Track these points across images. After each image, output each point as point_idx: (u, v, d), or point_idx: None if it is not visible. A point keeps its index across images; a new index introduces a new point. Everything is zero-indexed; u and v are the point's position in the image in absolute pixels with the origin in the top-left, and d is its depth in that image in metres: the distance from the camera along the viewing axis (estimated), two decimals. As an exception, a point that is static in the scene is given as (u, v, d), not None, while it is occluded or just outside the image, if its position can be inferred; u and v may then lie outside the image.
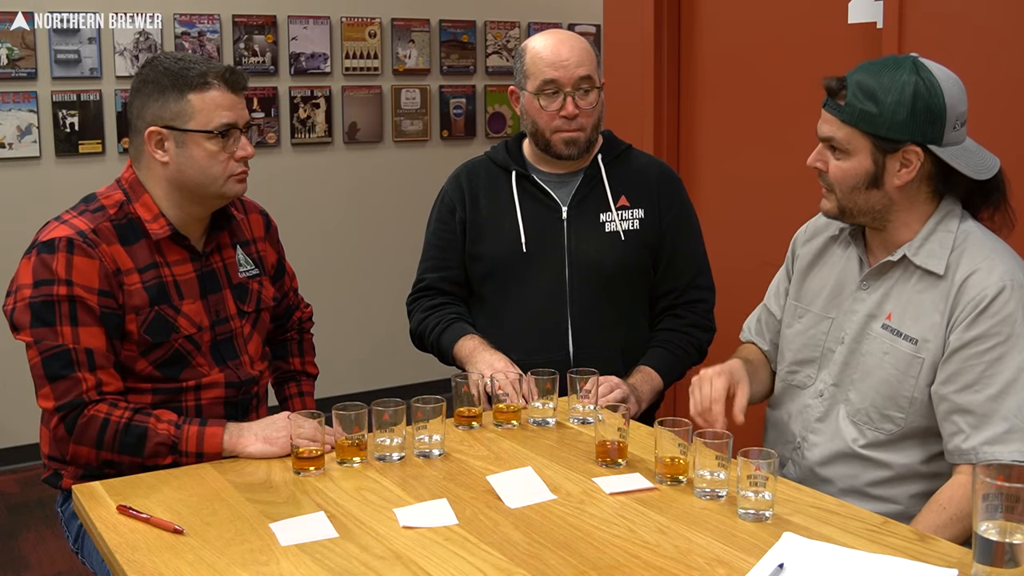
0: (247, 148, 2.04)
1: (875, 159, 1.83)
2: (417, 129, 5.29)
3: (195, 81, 1.98)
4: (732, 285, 3.01)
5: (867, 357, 1.92)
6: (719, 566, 1.48)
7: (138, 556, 1.54)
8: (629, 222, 2.44)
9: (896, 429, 1.89)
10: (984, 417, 1.77)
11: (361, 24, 5.08)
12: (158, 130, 2.00)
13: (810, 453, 2.00)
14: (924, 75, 1.79)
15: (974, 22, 2.70)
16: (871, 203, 1.87)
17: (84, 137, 4.51)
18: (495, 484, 1.77)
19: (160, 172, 2.03)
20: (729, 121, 3.49)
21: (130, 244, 2.01)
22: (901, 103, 1.78)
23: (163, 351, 2.02)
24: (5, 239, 4.32)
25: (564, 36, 2.41)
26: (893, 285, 1.91)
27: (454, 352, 2.40)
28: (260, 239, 2.26)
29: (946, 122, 1.80)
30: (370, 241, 5.23)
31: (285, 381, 2.39)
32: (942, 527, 1.74)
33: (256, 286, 2.20)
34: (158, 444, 1.92)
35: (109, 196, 2.05)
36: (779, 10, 3.27)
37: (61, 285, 1.92)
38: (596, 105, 2.40)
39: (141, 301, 1.99)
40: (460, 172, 2.56)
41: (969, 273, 1.81)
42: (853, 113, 1.82)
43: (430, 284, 2.53)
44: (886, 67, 1.82)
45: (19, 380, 4.47)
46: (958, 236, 1.86)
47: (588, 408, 2.11)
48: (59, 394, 1.92)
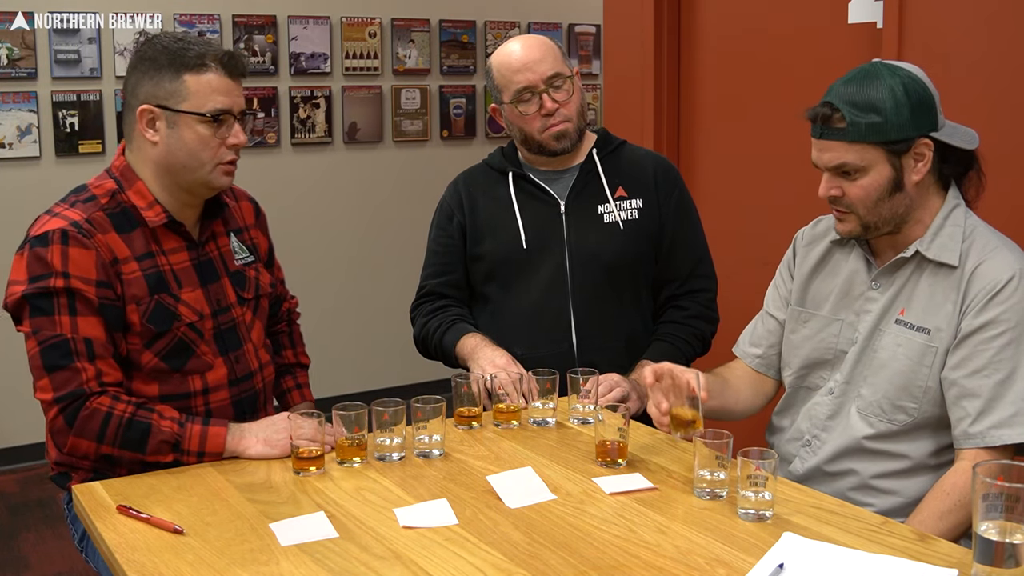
0: (239, 136, 2.01)
1: (892, 164, 1.86)
2: (417, 129, 5.29)
3: (192, 62, 1.96)
4: (732, 282, 3.01)
5: (880, 352, 1.94)
6: (719, 566, 1.48)
7: (138, 556, 1.54)
8: (628, 212, 2.45)
9: (909, 420, 1.90)
10: (991, 401, 1.79)
11: (361, 24, 5.08)
12: (150, 108, 1.97)
13: (820, 451, 2.00)
14: (902, 73, 1.86)
15: (974, 22, 2.70)
16: (895, 208, 1.89)
17: (84, 137, 4.52)
18: (495, 484, 1.77)
19: (150, 153, 2.00)
20: (729, 121, 3.49)
21: (125, 232, 1.98)
22: (900, 104, 1.82)
23: (167, 340, 2.00)
24: (5, 239, 4.32)
25: (522, 41, 2.42)
26: (906, 281, 1.93)
27: (456, 351, 2.40)
28: (252, 226, 2.25)
29: (936, 107, 1.87)
30: (370, 241, 5.23)
31: (280, 375, 2.37)
32: (946, 513, 1.76)
33: (253, 273, 2.19)
34: (161, 442, 1.91)
35: (100, 185, 2.02)
36: (779, 10, 3.27)
37: (58, 278, 1.89)
38: (573, 94, 2.41)
39: (140, 291, 1.97)
40: (458, 179, 2.59)
41: (979, 262, 1.86)
42: (859, 130, 1.83)
43: (431, 289, 2.54)
44: (866, 78, 1.86)
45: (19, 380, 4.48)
46: (966, 229, 1.90)
47: (588, 408, 2.12)
48: (58, 384, 1.89)
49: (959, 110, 2.24)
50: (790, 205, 3.24)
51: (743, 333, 2.27)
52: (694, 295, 2.50)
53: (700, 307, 2.50)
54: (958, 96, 2.52)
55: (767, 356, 2.19)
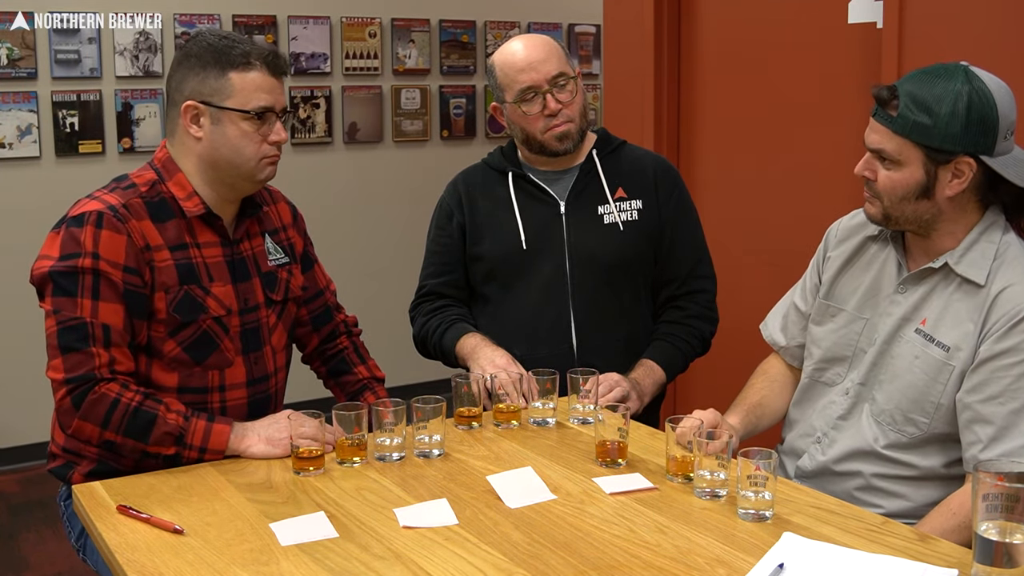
0: (281, 133, 2.04)
1: (927, 170, 1.81)
2: (417, 129, 5.29)
3: (238, 60, 1.99)
4: (732, 282, 3.01)
5: (897, 360, 1.92)
6: (719, 566, 1.48)
7: (138, 556, 1.54)
8: (628, 213, 2.45)
9: (919, 433, 1.89)
10: (1004, 430, 1.77)
11: (361, 24, 5.08)
12: (195, 104, 2.00)
13: (830, 449, 1.99)
14: (976, 85, 1.78)
15: (974, 22, 2.70)
16: (919, 213, 1.86)
17: (84, 137, 4.51)
18: (495, 484, 1.77)
19: (193, 147, 2.03)
20: (729, 121, 3.49)
21: (161, 222, 2.00)
22: (955, 114, 1.77)
23: (191, 331, 2.01)
24: (5, 239, 4.32)
25: (526, 40, 2.42)
26: (931, 291, 1.90)
27: (456, 350, 2.40)
28: (289, 226, 2.26)
29: (998, 132, 1.79)
30: (370, 241, 5.23)
31: (359, 393, 2.33)
32: (949, 532, 1.74)
33: (285, 274, 2.20)
34: (164, 433, 1.91)
35: (141, 175, 2.05)
36: (779, 10, 3.27)
37: (87, 257, 1.91)
38: (576, 95, 2.40)
39: (171, 279, 1.99)
40: (457, 179, 2.59)
41: (1006, 286, 1.81)
42: (906, 124, 1.80)
43: (431, 289, 2.54)
44: (938, 77, 1.80)
45: (20, 380, 4.49)
46: (1000, 247, 1.85)
47: (588, 408, 2.12)
48: (70, 366, 1.90)
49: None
50: (790, 205, 3.24)
51: (772, 314, 2.24)
52: (694, 296, 2.50)
53: (700, 307, 2.50)
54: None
55: (791, 348, 2.18)
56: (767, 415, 2.15)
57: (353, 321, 2.42)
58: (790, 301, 2.21)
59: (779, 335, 2.20)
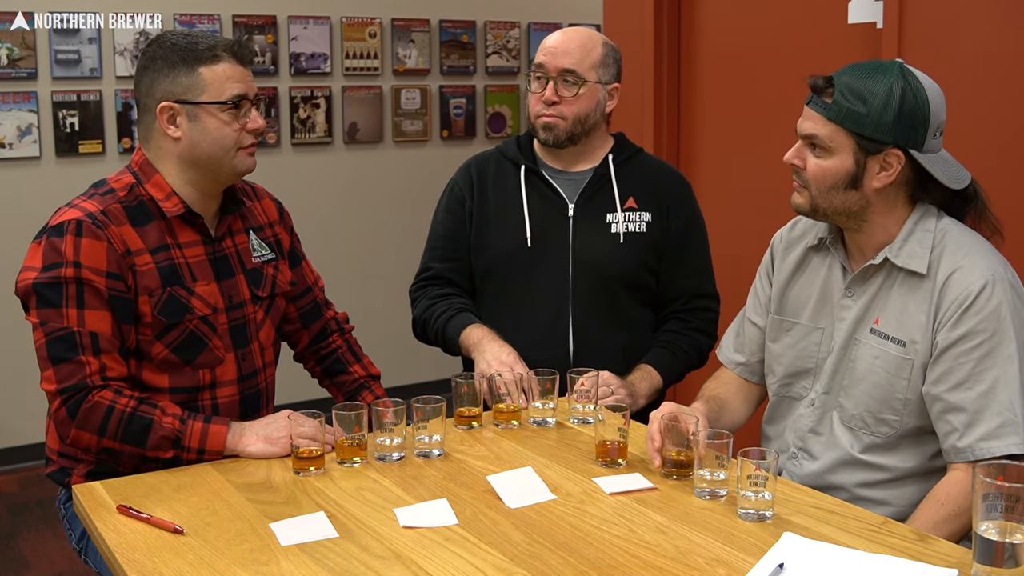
0: (258, 120, 2.06)
1: (857, 159, 1.84)
2: (417, 129, 5.30)
3: (205, 55, 2.00)
4: (731, 286, 3.01)
5: (858, 363, 1.92)
6: (719, 566, 1.48)
7: (138, 556, 1.54)
8: (636, 224, 2.43)
9: (892, 432, 1.89)
10: (977, 414, 1.77)
11: (361, 24, 5.08)
12: (170, 105, 2.01)
13: (811, 464, 1.99)
14: (911, 80, 1.82)
15: (974, 23, 2.71)
16: (847, 204, 1.87)
17: (84, 137, 4.51)
18: (495, 484, 1.77)
19: (172, 149, 2.03)
20: (729, 121, 3.49)
21: (141, 225, 2.01)
22: (888, 105, 1.80)
23: (178, 332, 2.01)
24: (5, 239, 4.32)
25: (569, 30, 2.46)
26: (878, 289, 1.91)
27: (460, 340, 2.38)
28: (275, 223, 2.26)
29: (928, 128, 1.82)
30: (370, 241, 5.23)
31: (357, 392, 2.34)
32: (941, 523, 1.75)
33: (271, 271, 2.20)
34: (162, 437, 1.91)
35: (119, 180, 2.06)
36: (779, 10, 3.27)
37: (68, 267, 1.92)
38: (578, 98, 2.39)
39: (153, 282, 1.99)
40: (471, 162, 2.57)
41: (951, 272, 1.82)
42: (840, 111, 1.83)
43: (437, 273, 2.52)
44: (874, 70, 1.84)
45: (19, 380, 4.49)
46: (936, 234, 1.87)
47: (588, 408, 2.11)
48: (62, 377, 1.91)
49: (958, 110, 2.24)
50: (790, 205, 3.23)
51: (726, 336, 2.25)
52: (697, 312, 2.50)
53: (702, 323, 2.50)
54: (957, 96, 2.52)
55: (751, 364, 2.18)
56: (727, 410, 2.13)
57: (344, 318, 2.43)
58: (743, 318, 2.21)
59: (737, 355, 2.20)
